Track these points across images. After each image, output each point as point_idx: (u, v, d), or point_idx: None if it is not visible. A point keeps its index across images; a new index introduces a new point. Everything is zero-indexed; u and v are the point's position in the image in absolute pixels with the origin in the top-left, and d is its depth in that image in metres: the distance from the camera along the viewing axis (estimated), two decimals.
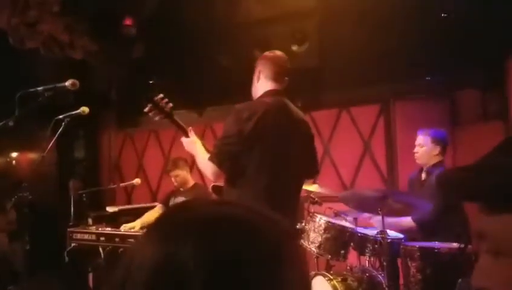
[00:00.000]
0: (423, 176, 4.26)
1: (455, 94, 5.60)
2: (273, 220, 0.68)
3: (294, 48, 5.50)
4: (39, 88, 3.21)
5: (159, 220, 0.72)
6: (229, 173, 2.88)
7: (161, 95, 2.99)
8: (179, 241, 0.63)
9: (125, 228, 4.91)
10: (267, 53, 3.16)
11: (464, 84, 5.44)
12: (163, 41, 6.05)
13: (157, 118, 3.02)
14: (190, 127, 3.13)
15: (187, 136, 3.11)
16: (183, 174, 5.21)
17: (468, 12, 4.66)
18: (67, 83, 3.25)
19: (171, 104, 3.00)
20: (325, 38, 5.51)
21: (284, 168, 2.92)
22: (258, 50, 3.23)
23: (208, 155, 2.91)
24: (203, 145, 3.09)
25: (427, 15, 4.92)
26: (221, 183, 3.11)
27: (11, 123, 3.21)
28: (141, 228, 4.86)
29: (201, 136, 6.40)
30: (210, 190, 3.29)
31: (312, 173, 3.31)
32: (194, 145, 3.08)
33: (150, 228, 0.72)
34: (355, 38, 5.14)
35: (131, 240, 4.70)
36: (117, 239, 4.81)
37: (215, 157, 2.83)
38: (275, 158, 2.87)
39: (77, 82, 3.27)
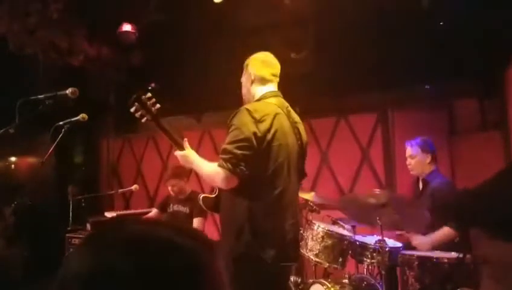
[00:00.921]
0: (420, 186, 4.26)
1: (453, 103, 5.60)
2: (196, 237, 0.78)
3: (292, 55, 5.52)
4: (40, 96, 3.21)
5: (93, 235, 0.80)
6: (240, 179, 2.65)
7: (149, 94, 2.83)
8: (115, 253, 0.71)
9: None
10: (258, 55, 3.06)
11: (462, 94, 5.45)
12: (161, 48, 6.07)
13: (144, 120, 2.85)
14: (185, 139, 2.95)
15: (177, 144, 2.91)
16: (180, 184, 5.07)
17: (466, 21, 4.68)
18: (67, 91, 3.25)
19: (158, 105, 2.84)
20: (323, 46, 5.52)
21: (293, 173, 2.84)
22: None
23: (211, 164, 2.77)
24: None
25: (426, 24, 4.94)
26: (211, 195, 3.02)
27: (11, 130, 3.21)
28: None
29: (199, 142, 6.50)
30: (200, 201, 3.09)
31: (302, 178, 3.16)
32: (191, 158, 2.89)
33: (85, 240, 0.78)
34: (353, 46, 5.16)
35: None
36: None
37: (226, 163, 2.61)
38: (286, 162, 2.77)
39: (77, 90, 3.28)
